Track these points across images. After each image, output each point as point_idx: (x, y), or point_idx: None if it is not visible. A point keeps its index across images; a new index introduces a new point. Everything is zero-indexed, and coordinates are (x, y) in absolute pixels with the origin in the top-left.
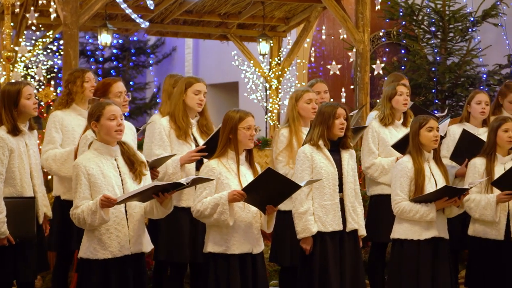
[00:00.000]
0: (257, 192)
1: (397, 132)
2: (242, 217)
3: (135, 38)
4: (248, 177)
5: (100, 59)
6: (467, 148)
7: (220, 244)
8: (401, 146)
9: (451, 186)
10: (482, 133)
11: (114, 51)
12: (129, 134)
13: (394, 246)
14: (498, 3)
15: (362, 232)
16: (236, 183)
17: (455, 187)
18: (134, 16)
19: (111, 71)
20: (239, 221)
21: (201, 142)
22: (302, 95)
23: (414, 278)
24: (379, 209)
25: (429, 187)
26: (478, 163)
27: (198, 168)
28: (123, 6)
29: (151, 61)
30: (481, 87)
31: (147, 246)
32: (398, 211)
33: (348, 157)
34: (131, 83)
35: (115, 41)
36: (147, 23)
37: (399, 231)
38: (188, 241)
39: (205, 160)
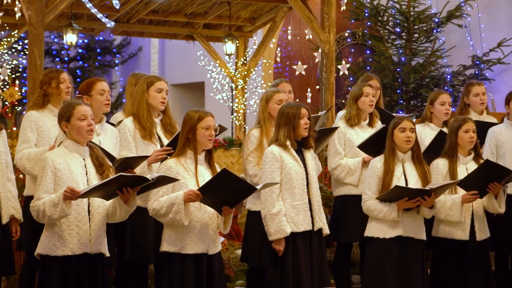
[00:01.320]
0: (213, 193)
1: (363, 132)
2: (198, 217)
3: (100, 38)
4: (206, 177)
5: (66, 58)
6: (437, 149)
7: (175, 244)
8: (367, 146)
9: (402, 186)
10: None
11: (80, 50)
12: (111, 137)
13: (367, 244)
14: (463, 4)
15: (327, 230)
16: (194, 183)
17: (409, 188)
18: (99, 15)
19: (77, 71)
20: (194, 221)
21: (166, 141)
22: (272, 96)
23: (381, 276)
24: (345, 209)
25: None
26: (441, 164)
27: None
28: (89, 5)
29: (116, 61)
30: (446, 88)
31: (106, 249)
32: (365, 209)
33: (310, 157)
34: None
35: (80, 41)
36: (113, 23)
37: (369, 229)
38: (153, 241)
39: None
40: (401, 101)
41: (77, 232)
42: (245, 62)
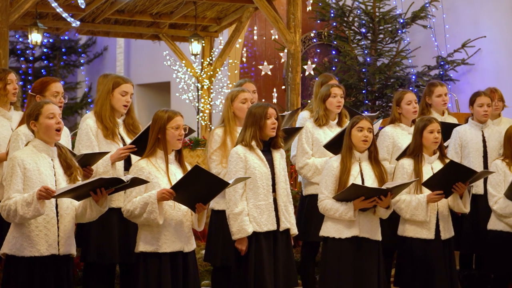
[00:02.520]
0: (186, 190)
1: (332, 132)
2: (173, 215)
3: (66, 37)
4: (178, 176)
5: (31, 58)
6: None
7: (151, 243)
8: (333, 146)
9: (360, 185)
10: None
11: (45, 50)
12: (63, 136)
13: (323, 244)
14: (427, 5)
15: (294, 231)
16: (166, 182)
17: (367, 187)
18: (65, 15)
19: (42, 70)
20: (169, 220)
21: (128, 141)
22: (237, 95)
23: (336, 276)
24: (312, 209)
25: None
26: (406, 164)
27: (126, 168)
28: (54, 4)
29: (82, 61)
30: (410, 88)
31: (74, 250)
32: (321, 209)
33: (279, 157)
34: (62, 82)
35: (45, 40)
36: (78, 22)
37: (324, 229)
38: (119, 242)
39: (133, 159)
40: (367, 101)
41: (45, 233)
42: (211, 62)
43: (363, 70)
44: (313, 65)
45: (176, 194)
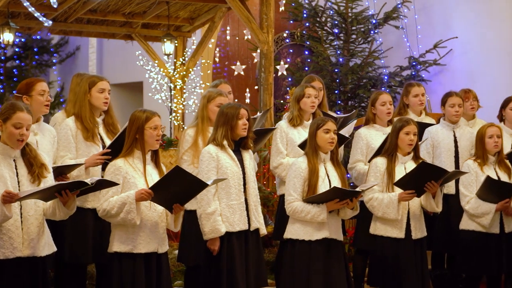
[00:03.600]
0: (165, 191)
1: (306, 132)
2: (149, 216)
3: (38, 37)
4: (154, 176)
5: (2, 57)
6: None
7: (126, 243)
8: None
9: (339, 188)
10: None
11: (17, 49)
12: (48, 137)
13: (286, 246)
14: (399, 5)
15: (263, 231)
16: (143, 182)
17: (344, 189)
18: (37, 14)
19: (13, 70)
20: (145, 220)
21: (108, 141)
22: (215, 98)
23: (306, 278)
24: None
25: (323, 188)
26: (379, 163)
27: (104, 168)
28: (26, 4)
29: (54, 60)
30: (383, 88)
31: (45, 249)
32: (290, 211)
33: (248, 157)
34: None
35: (17, 40)
36: (51, 22)
37: (291, 231)
38: (93, 242)
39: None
40: (339, 102)
41: (9, 236)
42: (183, 62)
43: (336, 70)
44: (286, 65)
45: (154, 195)
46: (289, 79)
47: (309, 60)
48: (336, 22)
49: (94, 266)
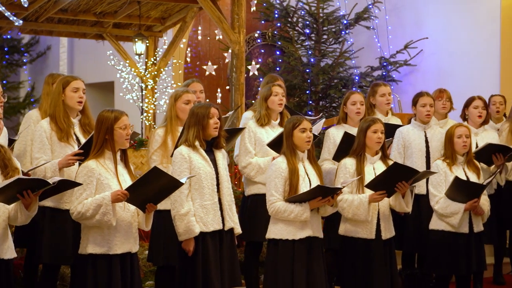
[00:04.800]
0: (141, 191)
1: (274, 132)
2: (123, 216)
3: (8, 36)
4: (125, 176)
5: None
6: (349, 147)
7: (102, 245)
8: (276, 145)
9: (323, 186)
10: None
11: None
12: (2, 135)
13: (269, 246)
14: (370, 6)
15: (238, 230)
16: (116, 183)
17: (327, 187)
18: (7, 13)
19: None
20: (120, 221)
21: (84, 142)
22: (181, 96)
23: (289, 277)
24: (255, 208)
25: (303, 187)
26: (348, 164)
27: None
28: None
29: (25, 60)
30: (354, 89)
31: (8, 253)
32: (273, 211)
33: (221, 157)
34: (4, 82)
35: None
36: (21, 21)
37: (274, 231)
38: (73, 242)
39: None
40: (310, 102)
41: None
42: (155, 62)
43: (307, 70)
44: (257, 66)
45: (129, 195)
46: (261, 79)
47: (280, 60)
48: (308, 22)
49: (67, 267)
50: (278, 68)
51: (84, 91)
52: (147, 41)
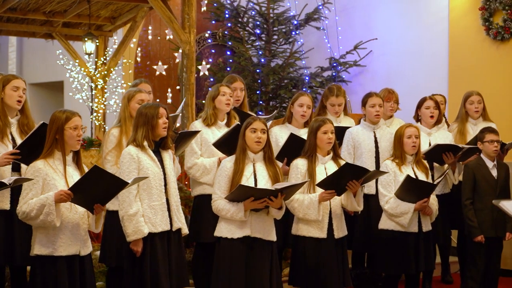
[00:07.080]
0: (85, 191)
1: (220, 132)
2: (69, 218)
3: None
4: (75, 177)
5: None
6: (293, 149)
7: (47, 246)
8: (221, 145)
9: (245, 186)
10: (303, 134)
11: None
12: None
13: (216, 244)
14: (320, 7)
15: (185, 230)
16: (63, 183)
17: (252, 187)
18: None
19: None
20: (66, 222)
21: (20, 142)
22: (134, 96)
23: (227, 276)
24: (201, 209)
25: None
26: (300, 164)
27: (14, 169)
28: None
29: None
30: (304, 89)
31: None
32: (215, 209)
33: (168, 158)
34: None
35: None
36: None
37: (218, 229)
38: (4, 244)
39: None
40: (261, 102)
41: None
42: (105, 61)
43: (258, 70)
44: (208, 66)
45: (74, 196)
46: (211, 79)
47: (231, 61)
48: (258, 22)
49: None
50: (228, 68)
51: (25, 90)
52: (97, 41)
